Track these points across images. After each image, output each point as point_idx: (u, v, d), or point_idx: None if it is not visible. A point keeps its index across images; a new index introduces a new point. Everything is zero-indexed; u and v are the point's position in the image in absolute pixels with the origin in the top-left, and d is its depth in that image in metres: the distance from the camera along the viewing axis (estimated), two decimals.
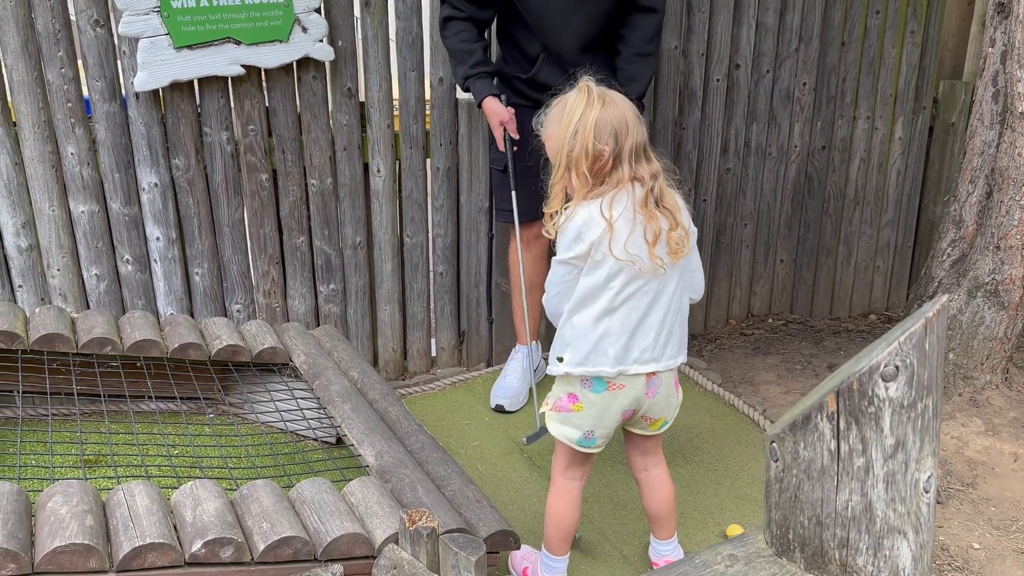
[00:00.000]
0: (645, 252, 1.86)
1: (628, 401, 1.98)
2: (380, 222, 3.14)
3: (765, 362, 3.42)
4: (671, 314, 1.97)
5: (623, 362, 1.93)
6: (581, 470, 2.10)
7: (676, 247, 1.90)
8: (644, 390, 1.98)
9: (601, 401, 1.97)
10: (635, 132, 1.86)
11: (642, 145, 1.89)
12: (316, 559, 1.87)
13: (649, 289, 1.91)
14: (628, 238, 1.85)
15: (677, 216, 1.91)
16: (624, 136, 1.84)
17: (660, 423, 2.08)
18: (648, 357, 1.95)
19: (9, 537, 1.66)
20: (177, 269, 2.97)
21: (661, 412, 2.06)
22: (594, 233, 1.86)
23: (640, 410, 2.02)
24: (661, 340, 1.96)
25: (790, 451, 1.11)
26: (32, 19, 2.62)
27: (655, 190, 1.88)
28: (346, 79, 2.95)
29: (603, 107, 1.84)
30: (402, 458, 2.26)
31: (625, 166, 1.86)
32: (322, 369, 2.72)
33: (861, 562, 1.09)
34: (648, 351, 1.95)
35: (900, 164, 3.65)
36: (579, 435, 2.02)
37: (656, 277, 1.91)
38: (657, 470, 2.16)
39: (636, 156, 1.87)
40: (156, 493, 1.90)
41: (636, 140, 1.87)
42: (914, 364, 1.04)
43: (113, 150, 2.79)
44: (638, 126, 1.88)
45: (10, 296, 2.87)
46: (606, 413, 1.99)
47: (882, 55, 3.46)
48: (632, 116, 1.87)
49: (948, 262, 3.06)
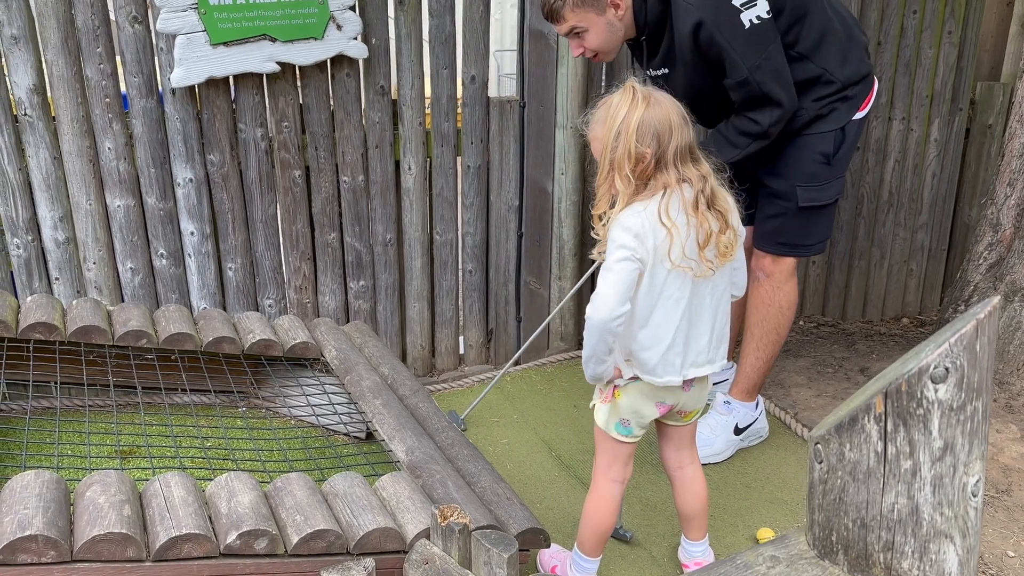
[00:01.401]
0: (696, 255, 1.85)
1: (666, 395, 1.98)
2: (410, 219, 3.15)
3: (796, 364, 3.39)
4: (720, 315, 1.97)
5: (684, 368, 1.94)
6: (623, 470, 2.09)
7: (725, 250, 1.88)
8: (680, 387, 1.99)
9: (638, 390, 1.98)
10: (680, 134, 1.84)
11: (688, 146, 1.86)
12: (348, 552, 1.88)
13: (701, 293, 1.90)
14: (685, 243, 1.84)
15: (728, 218, 1.89)
16: (667, 138, 1.82)
17: (693, 414, 2.10)
18: (704, 360, 1.96)
19: (49, 525, 1.68)
20: (211, 264, 3.00)
21: (695, 404, 2.07)
22: (654, 237, 1.82)
23: (677, 405, 2.03)
24: (713, 343, 1.96)
25: (835, 453, 1.10)
26: (72, 15, 2.65)
27: (705, 191, 1.85)
28: (379, 77, 2.96)
29: (647, 108, 1.82)
30: (432, 454, 2.27)
31: (671, 169, 1.83)
32: (353, 364, 2.73)
33: (906, 566, 1.07)
34: (703, 354, 1.95)
35: (935, 166, 3.60)
36: (616, 421, 2.02)
37: (706, 280, 1.90)
38: (692, 468, 2.16)
39: (682, 158, 1.84)
40: (191, 484, 1.92)
41: (681, 142, 1.84)
42: (964, 366, 1.02)
43: (149, 145, 2.82)
44: (683, 128, 1.85)
45: (47, 289, 2.91)
46: (645, 404, 1.99)
47: (919, 56, 3.42)
48: (677, 117, 1.84)
49: (984, 266, 3.02)
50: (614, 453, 2.07)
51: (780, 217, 2.56)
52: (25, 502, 1.73)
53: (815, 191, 2.51)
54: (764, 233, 2.61)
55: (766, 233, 2.60)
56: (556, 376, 3.30)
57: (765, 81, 2.31)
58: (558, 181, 3.20)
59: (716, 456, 2.74)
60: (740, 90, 2.34)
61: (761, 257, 2.64)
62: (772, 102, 2.34)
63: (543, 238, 3.28)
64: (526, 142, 3.16)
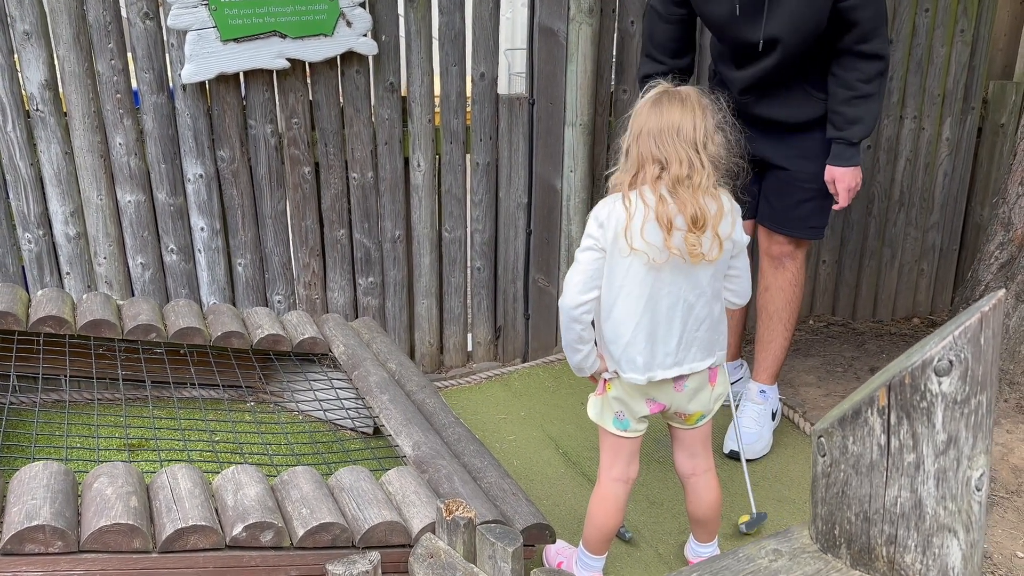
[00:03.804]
0: (660, 242, 1.85)
1: (655, 392, 1.99)
2: (419, 216, 3.16)
3: (806, 364, 3.38)
4: (694, 321, 1.94)
5: (650, 368, 1.95)
6: (625, 469, 2.08)
7: (691, 248, 1.86)
8: (671, 386, 1.98)
9: (624, 384, 2.00)
10: (679, 143, 1.85)
11: (691, 146, 1.86)
12: (354, 546, 1.89)
13: (668, 292, 1.90)
14: (643, 225, 1.85)
15: (707, 218, 1.86)
16: (668, 143, 1.85)
17: (696, 417, 2.07)
18: (672, 362, 1.95)
19: (57, 515, 1.69)
20: (220, 259, 3.02)
21: (695, 408, 2.04)
22: (616, 224, 1.87)
23: (671, 406, 2.02)
24: (683, 346, 1.95)
25: (838, 446, 1.09)
26: (84, 11, 2.67)
27: (682, 182, 1.85)
28: (388, 74, 2.97)
29: (656, 112, 1.86)
30: (439, 449, 2.27)
31: (656, 166, 1.87)
32: (361, 360, 2.74)
33: (909, 559, 1.07)
34: (671, 356, 1.94)
35: (947, 165, 3.58)
36: (611, 416, 2.03)
37: (674, 281, 1.90)
38: (707, 476, 2.13)
39: (679, 161, 1.85)
40: (198, 477, 1.93)
41: (680, 152, 1.85)
42: (968, 359, 1.01)
43: (160, 141, 2.84)
44: (694, 131, 1.86)
45: (58, 283, 2.93)
46: (633, 399, 2.00)
47: (930, 54, 3.40)
48: (688, 122, 1.85)
49: (996, 265, 2.99)
50: (613, 450, 2.07)
51: (811, 201, 2.59)
52: (33, 492, 1.74)
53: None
54: (795, 219, 2.61)
55: (798, 218, 2.61)
56: (563, 373, 3.30)
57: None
58: (567, 178, 3.20)
59: (767, 448, 2.77)
60: (872, 5, 2.28)
61: (785, 243, 2.66)
62: (884, 21, 2.34)
63: (552, 235, 3.28)
64: (535, 139, 3.16)
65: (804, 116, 2.51)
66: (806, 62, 2.43)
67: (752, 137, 2.61)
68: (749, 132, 2.60)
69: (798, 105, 2.51)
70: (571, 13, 2.99)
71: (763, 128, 2.58)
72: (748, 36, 2.40)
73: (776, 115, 2.55)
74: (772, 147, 2.59)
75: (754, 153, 2.60)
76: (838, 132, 2.44)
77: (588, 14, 2.99)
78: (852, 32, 2.32)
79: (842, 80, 2.39)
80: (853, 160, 2.46)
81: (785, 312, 2.73)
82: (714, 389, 2.05)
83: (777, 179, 2.61)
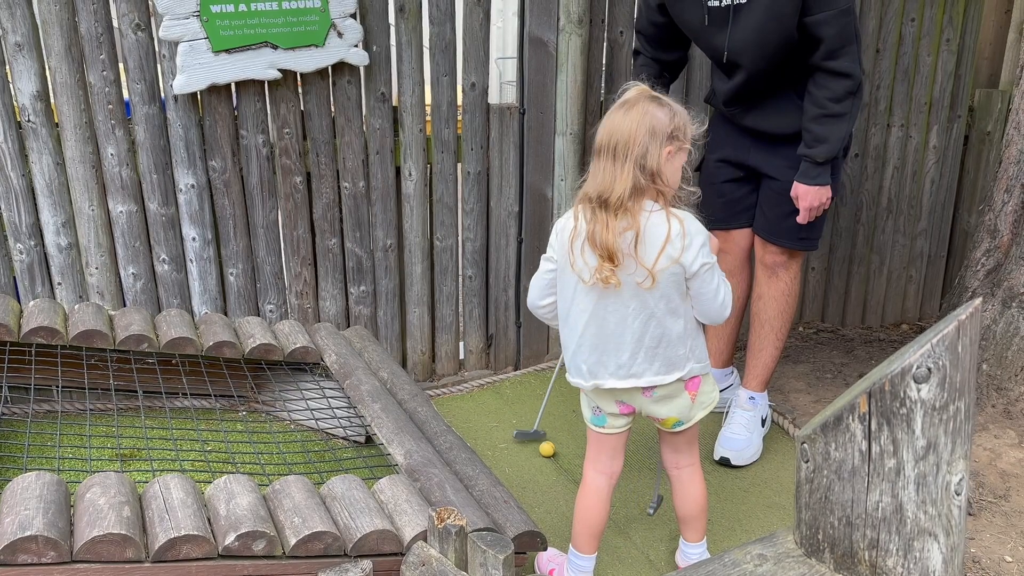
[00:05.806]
0: (595, 262, 1.87)
1: (622, 395, 2.02)
2: (411, 225, 3.17)
3: (795, 370, 3.40)
4: (651, 337, 1.93)
5: (596, 376, 1.99)
6: (609, 463, 2.12)
7: (603, 278, 1.85)
8: (639, 392, 2.01)
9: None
10: (626, 146, 1.81)
11: (636, 159, 1.81)
12: (346, 554, 1.90)
13: (613, 309, 1.92)
14: (583, 245, 1.88)
15: (613, 252, 1.82)
16: (613, 146, 1.83)
17: (670, 423, 2.07)
18: (625, 374, 1.97)
19: (49, 526, 1.70)
20: (212, 269, 3.02)
21: (667, 412, 2.04)
22: (563, 236, 1.95)
23: (641, 410, 2.05)
24: (641, 359, 1.95)
25: (821, 452, 1.11)
26: (76, 23, 2.68)
27: (612, 203, 1.82)
28: (380, 84, 2.99)
29: (621, 113, 1.86)
30: (431, 457, 2.29)
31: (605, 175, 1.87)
32: (353, 369, 2.75)
33: (891, 563, 1.09)
34: (624, 368, 1.96)
35: (934, 173, 3.62)
36: (589, 412, 2.10)
37: (619, 299, 1.90)
38: (689, 470, 2.17)
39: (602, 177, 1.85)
40: (191, 486, 1.93)
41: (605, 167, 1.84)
42: (946, 366, 1.04)
43: (152, 151, 2.85)
44: (644, 139, 1.81)
45: (49, 293, 2.93)
46: (602, 398, 2.05)
47: (917, 63, 3.44)
48: (640, 129, 1.81)
49: (982, 272, 3.03)
50: (596, 446, 2.13)
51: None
52: (26, 503, 1.75)
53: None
54: (786, 229, 2.63)
55: (789, 229, 2.62)
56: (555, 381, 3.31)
57: (856, 16, 2.29)
58: (557, 187, 3.22)
59: (757, 454, 2.79)
60: (837, 23, 2.26)
61: (778, 253, 2.68)
62: (856, 41, 2.33)
63: (543, 244, 3.29)
64: (526, 148, 3.18)
65: (791, 128, 2.52)
66: (791, 74, 2.45)
67: (747, 147, 2.64)
68: (746, 142, 2.64)
69: (785, 116, 2.52)
70: (561, 24, 3.02)
71: (754, 138, 2.60)
72: (718, 45, 2.44)
73: (763, 126, 2.57)
74: (764, 158, 2.61)
75: (749, 163, 2.64)
76: (806, 149, 2.45)
77: (577, 24, 3.02)
78: (820, 48, 2.33)
79: (813, 97, 2.40)
80: (819, 179, 2.45)
81: (777, 321, 2.75)
82: (696, 398, 2.04)
83: (770, 189, 2.63)
